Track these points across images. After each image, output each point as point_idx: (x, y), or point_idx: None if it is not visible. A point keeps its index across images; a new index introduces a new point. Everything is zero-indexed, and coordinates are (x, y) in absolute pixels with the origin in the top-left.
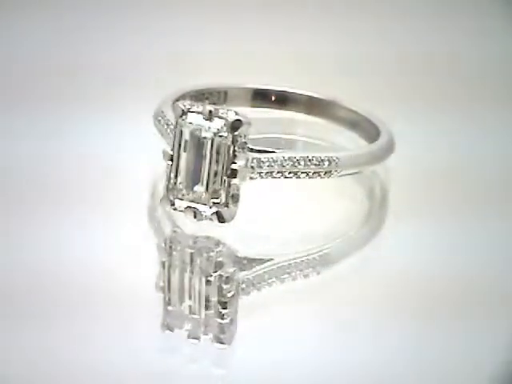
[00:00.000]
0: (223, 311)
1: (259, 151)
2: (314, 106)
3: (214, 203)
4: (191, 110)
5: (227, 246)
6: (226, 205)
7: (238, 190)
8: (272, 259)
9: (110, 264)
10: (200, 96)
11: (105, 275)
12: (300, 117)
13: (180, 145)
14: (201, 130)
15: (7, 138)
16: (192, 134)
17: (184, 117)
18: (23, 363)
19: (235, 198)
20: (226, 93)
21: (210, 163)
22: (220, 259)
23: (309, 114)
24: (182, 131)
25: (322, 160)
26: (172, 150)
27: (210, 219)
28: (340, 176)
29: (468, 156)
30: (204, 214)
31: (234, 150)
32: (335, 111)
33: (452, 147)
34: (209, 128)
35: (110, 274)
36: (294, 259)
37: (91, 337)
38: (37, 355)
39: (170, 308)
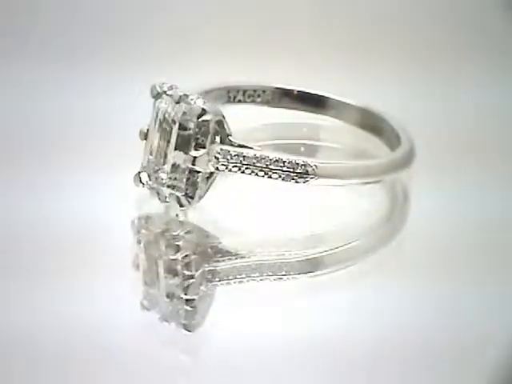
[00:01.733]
0: (184, 296)
1: (243, 146)
2: (344, 110)
3: (173, 187)
4: (168, 93)
5: (199, 234)
6: (186, 190)
7: (197, 177)
8: (245, 256)
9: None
10: (223, 93)
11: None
12: (326, 121)
13: (154, 125)
14: (169, 113)
15: None
16: (162, 116)
17: (159, 98)
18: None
19: (194, 185)
20: (260, 91)
21: (175, 148)
22: (180, 243)
23: (337, 118)
24: (156, 112)
25: (298, 164)
26: (147, 129)
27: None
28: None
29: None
30: (165, 196)
31: (197, 138)
32: (364, 117)
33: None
34: (175, 113)
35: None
36: (269, 260)
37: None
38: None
39: (144, 288)
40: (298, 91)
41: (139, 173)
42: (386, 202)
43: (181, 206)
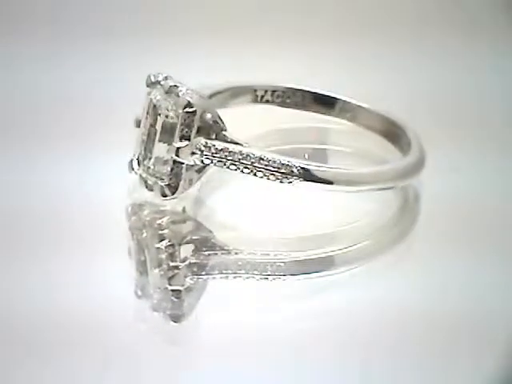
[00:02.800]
0: (169, 287)
1: (234, 143)
2: (358, 113)
3: (158, 176)
4: (161, 83)
5: (192, 227)
6: (169, 180)
7: (181, 168)
8: (233, 253)
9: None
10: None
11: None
12: (339, 124)
13: (146, 114)
14: (158, 103)
15: None
16: (152, 106)
17: (152, 87)
18: None
19: (178, 176)
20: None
21: (160, 138)
22: (167, 232)
23: (351, 121)
24: (148, 102)
25: (282, 164)
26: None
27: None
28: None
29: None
30: (151, 185)
31: (182, 129)
32: (377, 120)
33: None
34: (162, 103)
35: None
36: (256, 258)
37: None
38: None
39: (136, 276)
40: (326, 96)
41: (131, 160)
42: (396, 201)
43: (163, 195)
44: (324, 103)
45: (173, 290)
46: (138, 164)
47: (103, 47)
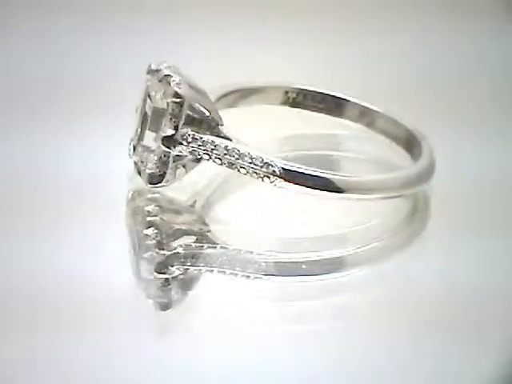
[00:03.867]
0: (155, 274)
1: (224, 137)
2: (364, 115)
3: (146, 164)
4: (158, 72)
5: (188, 218)
6: (156, 168)
7: (168, 157)
8: (223, 247)
9: None
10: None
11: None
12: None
13: (143, 102)
14: (151, 92)
15: None
16: (147, 93)
17: (150, 75)
18: None
19: (165, 165)
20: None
21: (149, 126)
22: (156, 219)
23: (369, 127)
24: (146, 89)
25: (265, 163)
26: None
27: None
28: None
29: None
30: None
31: (170, 119)
32: (387, 124)
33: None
34: (154, 92)
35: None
36: (241, 256)
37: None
38: None
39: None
40: (356, 103)
41: (129, 145)
42: (407, 204)
43: (149, 183)
44: (344, 107)
45: (159, 278)
46: (134, 150)
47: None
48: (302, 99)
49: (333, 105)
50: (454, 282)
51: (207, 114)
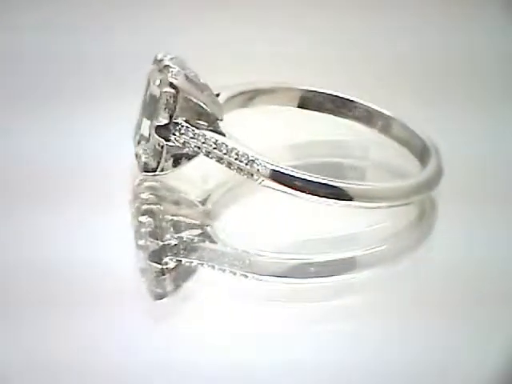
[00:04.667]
0: (149, 262)
1: (218, 132)
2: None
3: (143, 152)
4: (160, 62)
5: (188, 210)
6: (151, 157)
7: (162, 146)
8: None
9: None
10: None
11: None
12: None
13: (145, 90)
14: (150, 81)
15: None
16: (148, 83)
17: (153, 65)
18: None
19: (158, 155)
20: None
21: (146, 115)
22: (153, 207)
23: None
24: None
25: (251, 161)
26: None
27: None
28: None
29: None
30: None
31: (164, 109)
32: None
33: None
34: (154, 81)
35: None
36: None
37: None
38: None
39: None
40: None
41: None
42: (414, 209)
43: (142, 171)
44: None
45: (154, 267)
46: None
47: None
48: (312, 100)
49: (341, 106)
50: (463, 282)
51: (205, 107)
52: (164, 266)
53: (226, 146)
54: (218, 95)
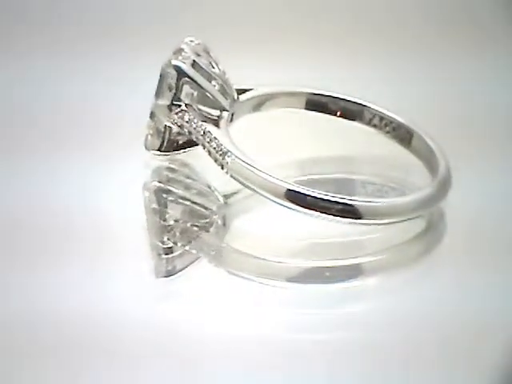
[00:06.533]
0: (155, 241)
1: (215, 123)
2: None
3: (148, 130)
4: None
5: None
6: (151, 135)
7: (163, 126)
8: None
9: None
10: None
11: None
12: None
13: None
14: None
15: None
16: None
17: (177, 51)
18: None
19: (158, 133)
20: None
21: (156, 93)
22: (166, 187)
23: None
24: None
25: (220, 150)
26: None
27: None
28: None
29: None
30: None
31: (169, 89)
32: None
33: None
34: (165, 65)
35: None
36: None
37: None
38: None
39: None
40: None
41: None
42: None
43: (146, 148)
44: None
45: (158, 246)
46: None
47: None
48: (325, 105)
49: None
50: (468, 296)
51: (210, 97)
52: (166, 246)
53: (210, 133)
54: (244, 91)
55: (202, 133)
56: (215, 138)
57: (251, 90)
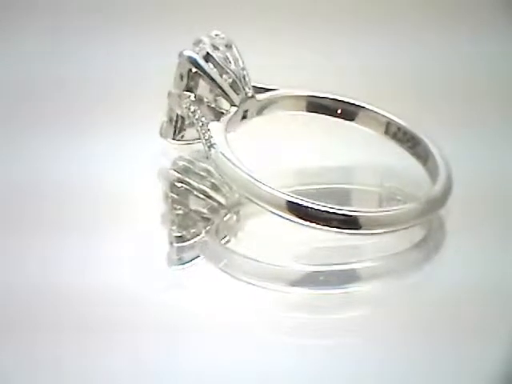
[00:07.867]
0: (172, 232)
1: (218, 112)
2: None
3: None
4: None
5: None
6: (165, 121)
7: (175, 115)
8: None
9: None
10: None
11: None
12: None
13: None
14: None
15: None
16: None
17: (196, 42)
18: None
19: (171, 121)
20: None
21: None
22: (181, 178)
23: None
24: None
25: (206, 139)
26: None
27: None
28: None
29: None
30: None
31: (181, 78)
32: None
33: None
34: (180, 54)
35: None
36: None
37: None
38: None
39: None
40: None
41: None
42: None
43: (160, 134)
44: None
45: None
46: None
47: None
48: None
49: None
50: (468, 298)
51: (220, 91)
52: (176, 235)
53: (206, 124)
54: (266, 90)
55: (200, 124)
56: (208, 130)
57: (275, 90)
